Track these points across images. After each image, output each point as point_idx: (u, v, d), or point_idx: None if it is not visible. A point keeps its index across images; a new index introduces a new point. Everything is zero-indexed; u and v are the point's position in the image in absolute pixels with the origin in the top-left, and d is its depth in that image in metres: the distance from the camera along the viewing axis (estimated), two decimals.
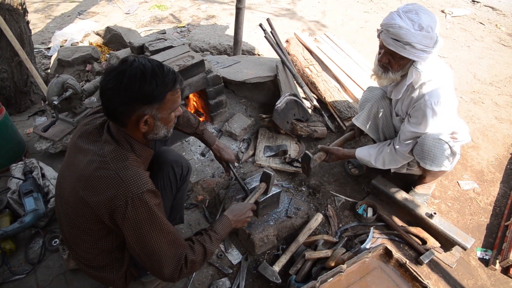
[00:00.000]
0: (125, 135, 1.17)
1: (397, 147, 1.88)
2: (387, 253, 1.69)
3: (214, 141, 1.82)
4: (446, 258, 1.86)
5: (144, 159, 1.24)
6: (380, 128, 2.10)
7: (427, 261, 1.80)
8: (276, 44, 2.85)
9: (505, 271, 1.83)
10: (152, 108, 1.11)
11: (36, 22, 4.81)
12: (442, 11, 5.28)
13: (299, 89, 2.93)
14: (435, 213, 1.87)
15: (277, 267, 1.71)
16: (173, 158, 1.51)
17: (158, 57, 2.32)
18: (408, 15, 1.57)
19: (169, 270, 1.15)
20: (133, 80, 1.05)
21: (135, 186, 1.07)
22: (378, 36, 1.69)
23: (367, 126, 2.11)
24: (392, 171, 2.12)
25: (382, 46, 1.70)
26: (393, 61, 1.69)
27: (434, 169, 1.81)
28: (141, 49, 2.52)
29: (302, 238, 1.85)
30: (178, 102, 1.19)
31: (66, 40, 4.16)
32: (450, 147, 1.76)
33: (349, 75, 3.10)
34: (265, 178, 1.76)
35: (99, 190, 1.09)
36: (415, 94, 1.75)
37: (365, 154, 2.01)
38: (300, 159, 1.85)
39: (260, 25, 2.84)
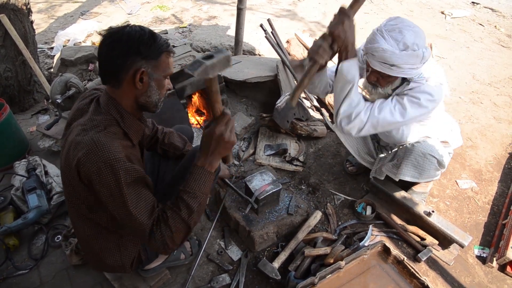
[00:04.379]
0: (116, 104, 1.18)
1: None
2: (385, 250, 1.71)
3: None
4: (444, 255, 1.88)
5: (134, 132, 1.24)
6: None
7: (425, 258, 1.82)
8: (276, 45, 2.87)
9: (502, 268, 1.85)
10: (149, 64, 1.14)
11: (39, 22, 4.85)
12: (442, 13, 5.31)
13: None
14: (433, 211, 1.89)
15: (276, 264, 1.74)
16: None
17: None
18: (391, 34, 1.51)
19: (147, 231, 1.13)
20: (132, 36, 1.10)
21: (106, 153, 1.06)
22: (364, 55, 1.66)
23: None
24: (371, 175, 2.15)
25: (368, 65, 1.66)
26: (381, 79, 1.66)
27: (421, 181, 1.90)
28: None
29: (301, 235, 1.87)
30: (171, 68, 1.22)
31: (69, 40, 4.20)
32: (438, 161, 1.78)
33: None
34: None
35: (75, 151, 1.10)
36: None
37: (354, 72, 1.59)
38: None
39: (261, 26, 2.87)
